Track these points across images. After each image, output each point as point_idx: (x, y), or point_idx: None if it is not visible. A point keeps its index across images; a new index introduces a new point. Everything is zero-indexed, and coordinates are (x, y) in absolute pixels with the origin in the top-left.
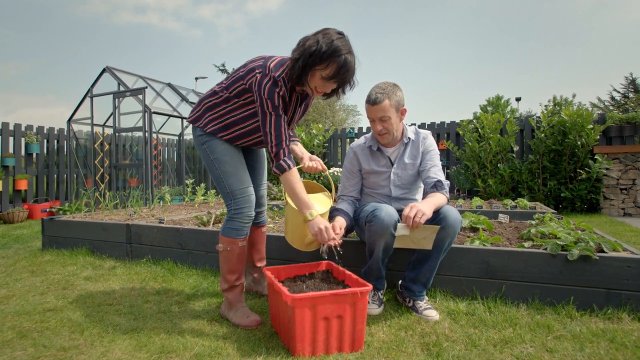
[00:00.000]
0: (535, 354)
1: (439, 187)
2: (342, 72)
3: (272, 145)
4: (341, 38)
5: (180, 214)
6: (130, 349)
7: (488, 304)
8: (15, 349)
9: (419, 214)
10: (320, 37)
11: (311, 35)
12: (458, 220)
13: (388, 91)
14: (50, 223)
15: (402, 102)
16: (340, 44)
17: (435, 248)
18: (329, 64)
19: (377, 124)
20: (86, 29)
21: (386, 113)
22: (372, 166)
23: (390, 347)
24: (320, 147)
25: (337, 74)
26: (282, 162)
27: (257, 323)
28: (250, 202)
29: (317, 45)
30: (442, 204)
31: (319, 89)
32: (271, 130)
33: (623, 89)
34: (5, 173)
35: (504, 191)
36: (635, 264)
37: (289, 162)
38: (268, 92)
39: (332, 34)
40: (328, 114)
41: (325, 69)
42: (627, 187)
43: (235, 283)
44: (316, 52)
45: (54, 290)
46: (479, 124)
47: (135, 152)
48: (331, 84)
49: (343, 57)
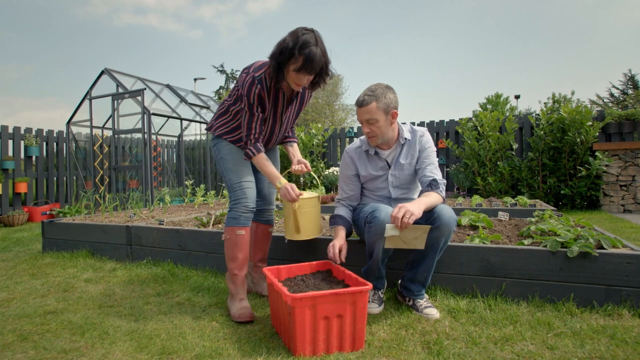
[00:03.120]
0: (536, 351)
1: (433, 186)
2: (309, 63)
3: (243, 136)
4: (307, 33)
5: (180, 215)
6: (131, 351)
7: (488, 302)
8: (16, 352)
9: (408, 214)
10: (289, 36)
11: (285, 37)
12: (452, 219)
13: (377, 93)
14: (50, 226)
15: (392, 105)
16: (307, 38)
17: (431, 247)
18: (297, 57)
19: (365, 126)
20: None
21: (373, 115)
22: (370, 171)
23: (391, 346)
24: (319, 147)
25: (304, 65)
26: (248, 151)
27: (246, 317)
28: (247, 194)
29: (285, 43)
30: (435, 203)
31: (296, 82)
32: (244, 124)
33: (622, 86)
34: (5, 176)
35: (503, 189)
36: (635, 260)
37: (254, 150)
38: (247, 90)
39: (299, 31)
40: (327, 114)
41: (295, 63)
42: (626, 183)
43: (234, 271)
44: (284, 49)
45: (54, 293)
46: (478, 122)
47: (135, 154)
48: (303, 75)
49: (308, 49)
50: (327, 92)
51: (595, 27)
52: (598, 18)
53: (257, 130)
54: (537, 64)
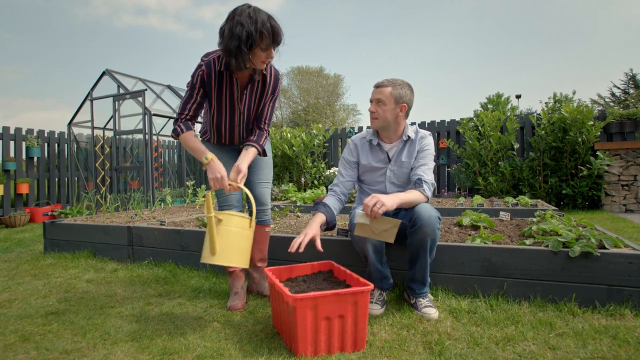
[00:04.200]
0: (538, 352)
1: (417, 185)
2: (276, 36)
3: (177, 114)
4: (255, 10)
5: (182, 216)
6: (132, 351)
7: (490, 302)
8: (17, 353)
9: (379, 204)
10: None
11: (227, 23)
12: (433, 217)
13: (397, 83)
14: (52, 226)
15: (405, 99)
16: (261, 16)
17: (420, 248)
18: (263, 37)
19: (372, 106)
20: (87, 32)
21: (384, 98)
22: (370, 161)
23: (392, 346)
24: (320, 147)
25: (273, 40)
26: (177, 127)
27: (237, 308)
28: (228, 201)
29: (245, 28)
30: (414, 201)
31: (263, 60)
32: (180, 104)
33: (623, 85)
34: (7, 177)
35: (505, 189)
36: (637, 260)
37: (182, 127)
38: (193, 73)
39: (244, 11)
40: (328, 114)
41: (262, 43)
42: (628, 183)
43: (229, 269)
44: (247, 34)
45: (56, 294)
46: (479, 122)
47: (136, 155)
48: (271, 50)
49: (269, 23)
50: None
51: (595, 26)
52: (598, 18)
53: (191, 112)
54: (537, 63)
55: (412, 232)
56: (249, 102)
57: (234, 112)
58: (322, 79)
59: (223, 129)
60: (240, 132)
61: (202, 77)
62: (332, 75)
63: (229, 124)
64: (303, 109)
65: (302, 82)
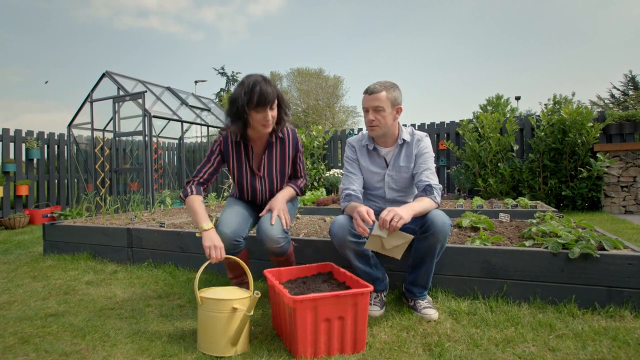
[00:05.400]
0: (538, 353)
1: (427, 192)
2: (263, 97)
3: (190, 176)
4: (249, 76)
5: (181, 218)
6: (132, 353)
7: (489, 304)
8: (17, 355)
9: (396, 217)
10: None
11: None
12: (446, 224)
13: (387, 85)
14: (52, 228)
15: (399, 100)
16: (254, 79)
17: (428, 253)
18: (252, 96)
19: (370, 114)
20: (87, 34)
21: (381, 103)
22: (368, 165)
23: (392, 348)
24: (320, 149)
25: (259, 100)
26: (187, 189)
27: None
28: (221, 234)
29: (236, 93)
30: (427, 209)
31: (262, 123)
32: (197, 167)
33: (622, 87)
34: (6, 179)
35: (504, 190)
36: (636, 262)
37: (193, 190)
38: (212, 143)
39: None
40: (328, 116)
41: (250, 102)
42: (628, 184)
43: (232, 281)
44: (238, 95)
45: (55, 296)
46: (478, 124)
47: (136, 156)
48: (263, 110)
49: (258, 86)
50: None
51: (595, 27)
52: (598, 18)
53: (205, 176)
54: (537, 64)
55: (422, 238)
56: (269, 166)
57: (254, 177)
58: (321, 80)
59: (245, 193)
60: (264, 194)
61: (220, 149)
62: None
63: (251, 189)
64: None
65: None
